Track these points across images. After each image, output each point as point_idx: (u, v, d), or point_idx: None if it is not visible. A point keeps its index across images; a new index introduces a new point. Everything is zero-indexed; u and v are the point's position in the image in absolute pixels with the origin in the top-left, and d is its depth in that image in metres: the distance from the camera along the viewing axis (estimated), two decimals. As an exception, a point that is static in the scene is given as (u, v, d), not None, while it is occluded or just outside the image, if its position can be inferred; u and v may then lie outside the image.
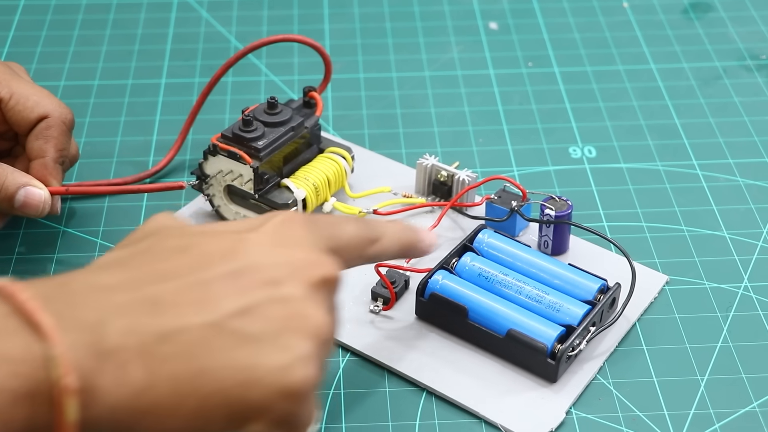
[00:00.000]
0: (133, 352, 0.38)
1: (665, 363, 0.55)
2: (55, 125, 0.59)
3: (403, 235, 0.49)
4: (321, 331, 0.41)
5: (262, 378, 0.39)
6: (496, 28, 0.82)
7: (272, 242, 0.42)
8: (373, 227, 0.48)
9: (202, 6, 0.83)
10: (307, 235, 0.44)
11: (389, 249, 0.49)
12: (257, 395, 0.39)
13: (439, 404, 0.53)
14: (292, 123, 0.62)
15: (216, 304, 0.39)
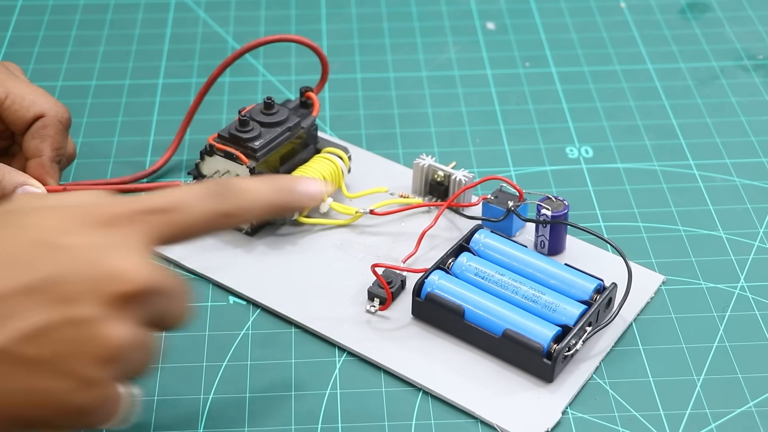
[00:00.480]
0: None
1: (661, 363, 0.55)
2: (51, 124, 0.59)
3: (269, 198, 0.46)
4: (115, 352, 0.40)
5: (49, 401, 0.39)
6: (494, 29, 0.82)
7: (83, 245, 0.40)
8: (230, 197, 0.44)
9: (199, 6, 0.83)
10: (129, 233, 0.41)
11: (251, 216, 0.46)
12: (47, 413, 0.40)
13: (436, 404, 0.53)
14: (289, 123, 0.62)
15: (7, 324, 0.39)
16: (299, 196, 0.47)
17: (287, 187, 0.47)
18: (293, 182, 0.47)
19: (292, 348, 0.56)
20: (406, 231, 0.62)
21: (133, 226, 0.42)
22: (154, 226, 0.42)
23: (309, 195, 0.47)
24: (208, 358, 0.55)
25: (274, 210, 0.46)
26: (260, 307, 0.58)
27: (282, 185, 0.47)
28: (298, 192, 0.47)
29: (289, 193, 0.47)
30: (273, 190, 0.46)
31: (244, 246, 0.61)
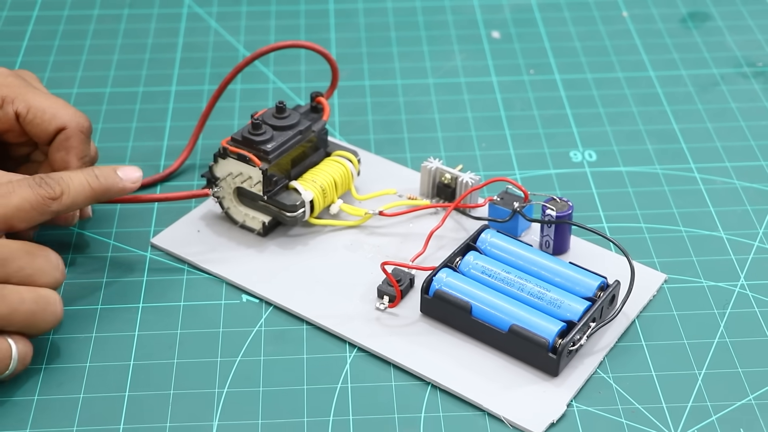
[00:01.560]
0: None
1: (664, 358, 0.57)
2: (73, 135, 0.61)
3: (91, 183, 0.57)
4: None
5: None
6: (499, 37, 0.83)
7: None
8: (53, 183, 0.56)
9: (211, 16, 0.85)
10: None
11: (76, 202, 0.57)
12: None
13: (444, 397, 0.55)
14: (300, 127, 0.63)
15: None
16: (117, 179, 0.59)
17: (105, 173, 0.58)
18: (112, 168, 0.59)
19: (303, 344, 0.57)
20: (414, 231, 0.64)
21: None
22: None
23: (128, 178, 0.59)
24: (222, 354, 0.57)
25: (97, 193, 0.58)
26: (272, 305, 0.60)
27: (101, 171, 0.58)
28: (116, 176, 0.59)
29: (106, 177, 0.58)
30: (92, 174, 0.58)
31: (256, 246, 0.63)
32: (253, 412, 0.54)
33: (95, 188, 0.58)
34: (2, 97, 0.61)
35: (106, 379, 0.55)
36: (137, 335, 0.58)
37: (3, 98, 0.61)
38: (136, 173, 0.60)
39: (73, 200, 0.57)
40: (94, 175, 0.58)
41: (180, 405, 0.54)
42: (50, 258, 0.54)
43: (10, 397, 0.54)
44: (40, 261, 0.54)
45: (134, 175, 0.60)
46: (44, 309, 0.53)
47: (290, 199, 0.62)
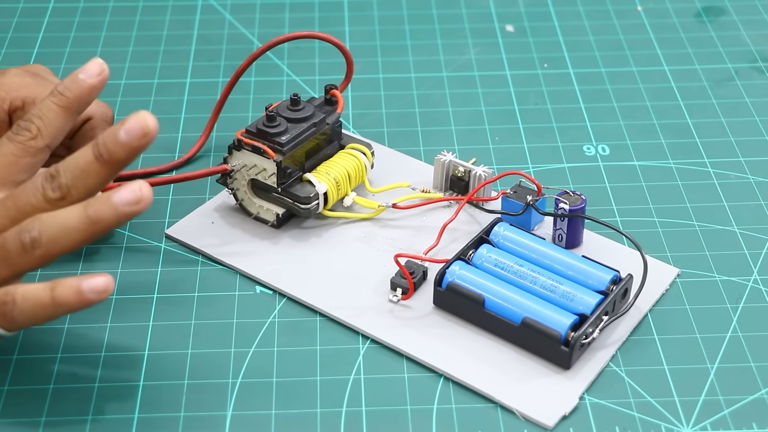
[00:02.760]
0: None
1: (676, 352, 0.57)
2: (98, 125, 0.62)
3: (59, 102, 0.54)
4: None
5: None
6: (513, 31, 0.83)
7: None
8: (26, 124, 0.54)
9: (225, 9, 0.85)
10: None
11: (57, 127, 0.54)
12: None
13: (457, 390, 0.55)
14: (314, 119, 0.63)
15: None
16: (79, 81, 0.54)
17: (67, 83, 0.54)
18: (72, 76, 0.54)
19: (317, 335, 0.58)
20: (427, 224, 0.64)
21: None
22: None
23: (89, 74, 0.54)
24: (236, 345, 0.57)
25: (71, 109, 0.54)
26: (286, 296, 0.60)
27: (63, 85, 0.54)
28: (78, 78, 0.54)
29: (69, 86, 0.54)
30: (55, 93, 0.54)
31: (270, 238, 0.63)
32: (267, 402, 0.54)
33: (66, 105, 0.54)
34: (22, 98, 0.61)
35: (121, 369, 0.56)
36: (152, 325, 0.58)
37: (23, 100, 0.61)
38: (98, 66, 0.55)
39: (53, 127, 0.54)
40: (58, 92, 0.54)
41: (194, 395, 0.54)
42: None
43: (27, 385, 0.55)
44: None
45: (96, 68, 0.55)
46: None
47: (304, 191, 0.62)
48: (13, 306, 0.50)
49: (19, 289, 0.50)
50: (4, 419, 0.53)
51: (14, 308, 0.50)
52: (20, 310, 0.50)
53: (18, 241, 0.50)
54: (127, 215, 0.50)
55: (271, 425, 0.53)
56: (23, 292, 0.50)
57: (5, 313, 0.50)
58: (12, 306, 0.50)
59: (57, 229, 0.50)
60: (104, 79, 0.55)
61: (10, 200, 0.52)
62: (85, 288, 0.50)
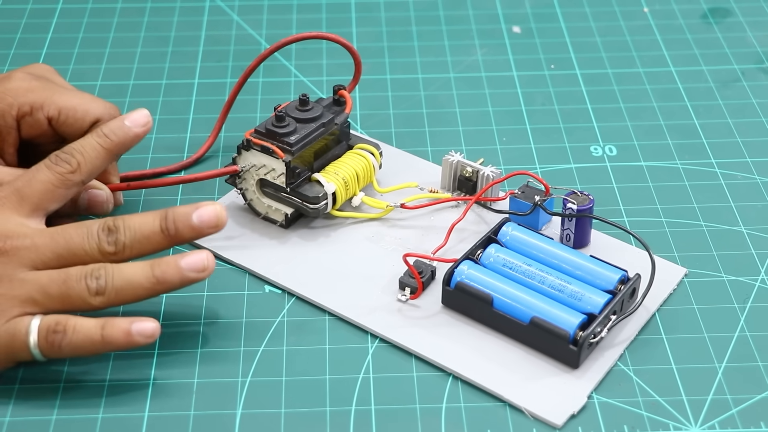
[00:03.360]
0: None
1: (684, 351, 0.57)
2: None
3: (104, 144, 0.58)
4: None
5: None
6: (519, 32, 0.84)
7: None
8: (67, 157, 0.57)
9: (233, 10, 0.86)
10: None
11: (96, 166, 0.57)
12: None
13: (465, 389, 0.55)
14: (323, 119, 0.64)
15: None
16: (126, 129, 0.59)
17: (114, 128, 0.59)
18: (119, 120, 0.59)
19: (326, 335, 0.58)
20: (435, 224, 0.64)
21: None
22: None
23: (136, 124, 0.59)
24: (246, 344, 0.57)
25: (113, 151, 0.58)
26: (295, 295, 0.60)
27: (109, 127, 0.58)
28: (125, 125, 0.59)
29: (116, 131, 0.59)
30: (101, 135, 0.58)
31: (279, 238, 0.63)
32: (276, 401, 0.54)
33: (109, 147, 0.58)
34: (30, 104, 0.61)
35: (131, 367, 0.56)
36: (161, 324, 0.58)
37: (31, 105, 0.61)
38: (144, 117, 0.59)
39: (92, 165, 0.57)
40: (103, 134, 0.58)
41: (204, 393, 0.55)
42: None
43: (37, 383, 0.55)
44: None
45: (142, 119, 0.59)
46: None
47: (313, 191, 0.62)
48: (63, 336, 0.52)
49: (71, 321, 0.52)
50: (15, 417, 0.53)
51: (63, 338, 0.52)
52: (69, 342, 0.52)
53: (83, 284, 0.52)
54: (191, 281, 0.54)
55: (281, 424, 0.53)
56: (75, 325, 0.52)
57: (53, 342, 0.52)
58: (62, 336, 0.52)
59: (123, 282, 0.53)
60: (148, 130, 0.59)
61: (61, 237, 0.54)
62: (135, 331, 0.53)
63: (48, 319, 0.53)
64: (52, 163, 0.56)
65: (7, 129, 0.61)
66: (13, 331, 0.52)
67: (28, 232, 0.54)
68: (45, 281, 0.53)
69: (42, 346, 0.52)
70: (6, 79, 0.62)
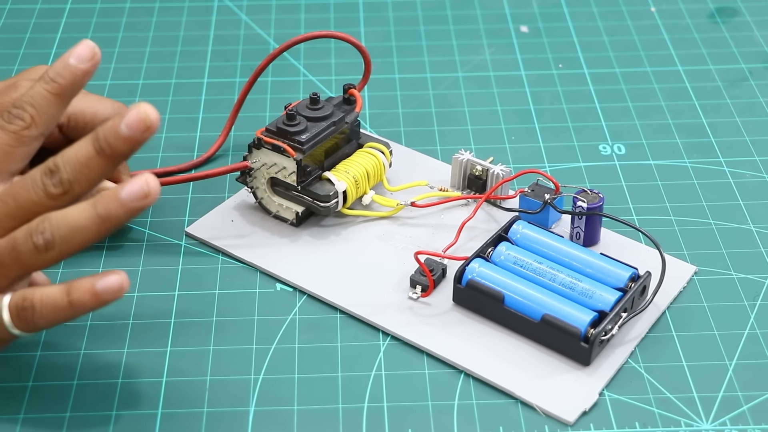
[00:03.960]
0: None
1: (694, 348, 0.57)
2: None
3: (51, 89, 0.52)
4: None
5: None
6: (527, 31, 0.84)
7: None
8: (18, 112, 0.52)
9: (241, 10, 0.86)
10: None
11: (50, 114, 0.52)
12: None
13: (477, 386, 0.55)
14: (334, 118, 0.64)
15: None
16: (71, 67, 0.52)
17: (57, 68, 0.52)
18: (61, 60, 0.52)
19: (337, 332, 0.58)
20: (445, 223, 0.65)
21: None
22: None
23: (79, 58, 0.52)
24: (258, 341, 0.58)
25: (64, 95, 0.52)
26: (306, 293, 0.60)
27: (53, 69, 0.52)
28: (69, 63, 0.52)
29: (61, 72, 0.52)
30: (46, 79, 0.52)
31: (289, 236, 0.64)
32: (289, 398, 0.55)
33: (59, 92, 0.52)
34: None
35: (144, 365, 0.56)
36: (173, 322, 0.59)
37: None
38: (89, 49, 0.53)
39: (47, 116, 0.52)
40: (50, 79, 0.52)
41: (217, 391, 0.55)
42: None
43: (51, 381, 0.55)
44: None
45: (87, 51, 0.53)
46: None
47: (324, 190, 0.63)
48: (32, 311, 0.51)
49: (36, 294, 0.51)
50: (29, 414, 0.54)
51: (33, 313, 0.51)
52: (39, 315, 0.51)
53: (30, 242, 0.50)
54: (137, 210, 0.50)
55: (294, 420, 0.53)
56: (41, 296, 0.51)
57: (25, 318, 0.51)
58: (31, 311, 0.51)
59: (68, 228, 0.50)
60: (96, 62, 0.53)
61: (9, 197, 0.51)
62: (100, 289, 0.50)
63: (15, 296, 0.51)
64: (5, 121, 0.52)
65: None
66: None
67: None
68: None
69: (17, 324, 0.51)
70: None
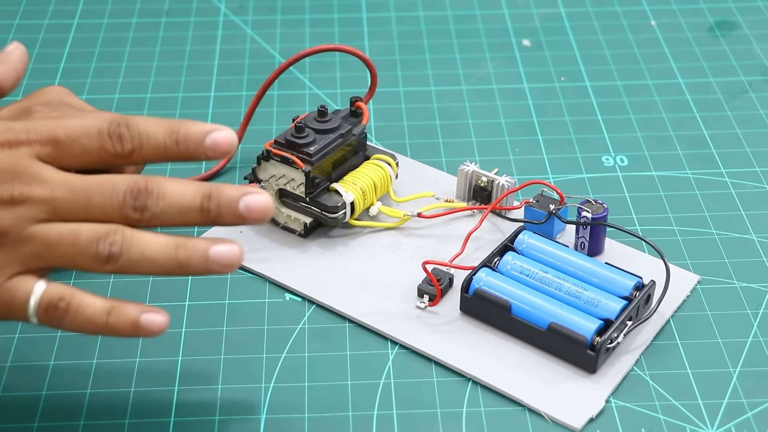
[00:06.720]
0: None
1: (699, 356, 0.58)
2: None
3: (169, 148, 0.48)
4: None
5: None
6: (529, 45, 0.85)
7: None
8: (126, 139, 0.48)
9: (246, 24, 0.87)
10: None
11: (145, 161, 0.50)
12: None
13: (485, 393, 0.56)
14: (341, 130, 0.65)
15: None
16: (201, 146, 0.48)
17: (190, 136, 0.48)
18: (199, 131, 0.48)
19: (346, 341, 0.59)
20: (451, 233, 0.65)
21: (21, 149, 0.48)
22: (43, 155, 0.48)
23: (215, 145, 0.48)
24: (268, 351, 0.58)
25: (171, 159, 0.48)
26: (315, 303, 0.61)
27: (184, 134, 0.48)
28: (203, 142, 0.48)
29: (188, 142, 0.48)
30: (173, 137, 0.48)
31: (298, 247, 0.65)
32: (300, 406, 0.55)
33: (171, 154, 0.48)
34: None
35: (155, 374, 0.57)
36: (184, 332, 0.59)
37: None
38: (228, 137, 0.48)
39: (143, 160, 0.49)
40: (175, 140, 0.48)
41: (228, 399, 0.56)
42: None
43: (63, 390, 0.56)
44: None
45: (225, 140, 0.48)
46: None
47: (332, 201, 0.64)
48: (64, 314, 0.47)
49: (76, 298, 0.47)
50: (42, 422, 0.54)
51: (65, 317, 0.48)
52: (69, 320, 0.47)
53: (94, 247, 0.47)
54: (214, 272, 0.47)
55: (305, 428, 0.54)
56: (79, 303, 0.47)
57: (53, 316, 0.48)
58: (63, 314, 0.47)
59: (140, 254, 0.47)
60: (227, 154, 0.49)
61: (81, 191, 0.47)
62: (143, 322, 0.47)
63: (52, 291, 0.47)
64: (107, 134, 0.48)
65: None
66: (14, 292, 0.47)
67: (49, 179, 0.47)
68: (54, 239, 0.47)
69: (40, 317, 0.48)
70: (26, 114, 0.58)
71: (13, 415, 0.55)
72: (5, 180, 0.47)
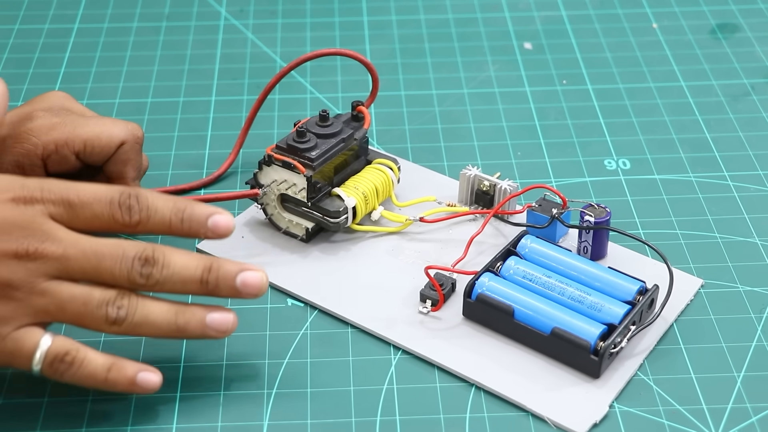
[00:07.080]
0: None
1: (702, 360, 0.58)
2: (131, 148, 0.62)
3: (173, 224, 0.53)
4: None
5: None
6: (531, 48, 0.85)
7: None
8: (134, 211, 0.52)
9: (247, 29, 0.87)
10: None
11: (150, 232, 0.53)
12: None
13: (488, 399, 0.56)
14: (343, 135, 0.65)
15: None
16: (203, 228, 0.53)
17: (194, 216, 0.53)
18: (203, 213, 0.53)
19: (349, 347, 0.59)
20: (453, 238, 0.65)
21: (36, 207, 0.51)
22: (56, 214, 0.51)
23: (216, 229, 0.53)
24: (270, 356, 0.58)
25: (174, 233, 0.53)
26: (317, 308, 0.61)
27: (189, 214, 0.52)
28: (206, 226, 0.53)
29: (191, 222, 0.53)
30: (178, 215, 0.52)
31: (299, 252, 0.64)
32: (302, 412, 0.55)
33: (176, 230, 0.53)
34: (53, 142, 0.61)
35: (158, 380, 0.57)
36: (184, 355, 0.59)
37: (55, 143, 0.61)
38: (227, 221, 0.53)
39: (149, 231, 0.53)
40: (180, 218, 0.53)
41: (231, 405, 0.55)
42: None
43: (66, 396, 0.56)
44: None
45: (224, 224, 0.53)
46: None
47: (333, 206, 0.63)
48: (68, 368, 0.51)
49: (80, 354, 0.51)
50: (44, 431, 0.54)
51: (68, 370, 0.51)
52: (72, 374, 0.51)
53: (103, 310, 0.51)
54: (210, 337, 0.53)
55: (308, 434, 0.54)
56: (83, 359, 0.51)
57: (57, 369, 0.51)
58: (67, 367, 0.51)
59: (143, 319, 0.51)
60: (225, 235, 0.54)
61: (93, 253, 0.51)
62: (139, 381, 0.52)
63: (58, 346, 0.51)
64: (117, 203, 0.52)
65: (32, 168, 0.61)
66: (21, 343, 0.50)
67: (62, 237, 0.51)
68: (66, 297, 0.50)
69: (44, 368, 0.51)
70: (27, 119, 0.61)
71: (15, 423, 0.54)
72: (20, 235, 0.50)
